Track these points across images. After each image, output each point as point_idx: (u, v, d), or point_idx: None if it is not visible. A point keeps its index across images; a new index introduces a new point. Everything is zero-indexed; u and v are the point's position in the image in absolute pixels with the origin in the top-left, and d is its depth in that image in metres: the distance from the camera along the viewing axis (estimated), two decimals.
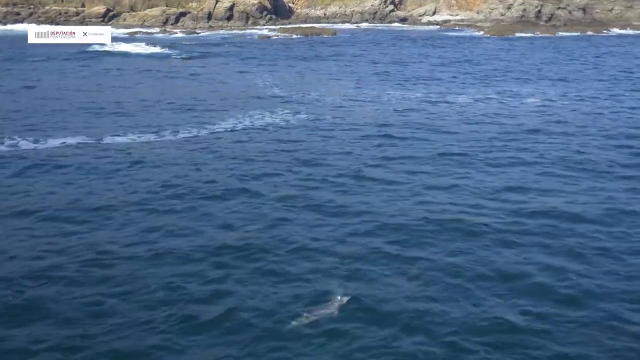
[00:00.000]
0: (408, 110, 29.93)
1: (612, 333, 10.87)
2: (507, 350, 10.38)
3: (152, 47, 59.18)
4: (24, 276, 12.56)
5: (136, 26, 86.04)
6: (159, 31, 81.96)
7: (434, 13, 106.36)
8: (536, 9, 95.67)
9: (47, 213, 15.92)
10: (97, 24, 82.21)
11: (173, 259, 13.37)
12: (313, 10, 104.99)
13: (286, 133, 24.74)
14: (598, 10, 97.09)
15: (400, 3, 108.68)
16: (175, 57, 53.04)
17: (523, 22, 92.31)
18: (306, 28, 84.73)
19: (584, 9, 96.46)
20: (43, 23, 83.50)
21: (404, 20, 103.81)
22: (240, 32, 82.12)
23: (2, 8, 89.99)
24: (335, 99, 32.75)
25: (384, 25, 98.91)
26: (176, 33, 79.68)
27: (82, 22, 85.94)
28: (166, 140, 23.47)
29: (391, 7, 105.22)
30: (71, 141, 23.10)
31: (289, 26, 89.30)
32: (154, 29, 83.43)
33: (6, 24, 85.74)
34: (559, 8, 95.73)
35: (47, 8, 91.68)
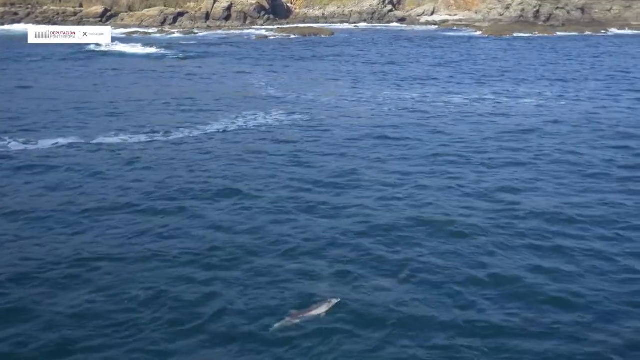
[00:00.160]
0: (403, 110, 29.81)
1: (604, 335, 10.75)
2: (497, 354, 10.25)
3: (149, 47, 59.04)
4: (9, 279, 12.43)
5: (134, 26, 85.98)
6: (157, 31, 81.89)
7: (433, 13, 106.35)
8: (534, 9, 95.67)
9: (36, 214, 15.78)
10: (95, 24, 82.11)
11: (160, 261, 13.24)
12: (311, 10, 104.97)
13: (280, 134, 24.61)
14: (597, 10, 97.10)
15: (398, 3, 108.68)
16: (171, 57, 52.94)
17: (521, 22, 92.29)
18: (304, 28, 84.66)
19: (583, 9, 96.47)
20: (41, 23, 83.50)
21: (402, 20, 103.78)
22: (237, 32, 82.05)
23: (0, 8, 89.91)
24: (330, 100, 32.63)
25: (382, 25, 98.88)
26: (173, 33, 79.60)
27: (80, 22, 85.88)
28: (158, 140, 23.33)
29: (389, 7, 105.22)
30: (63, 142, 22.99)
31: (287, 26, 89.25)
32: (152, 29, 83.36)
33: (4, 24, 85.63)
34: (558, 8, 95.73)
35: (45, 8, 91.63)
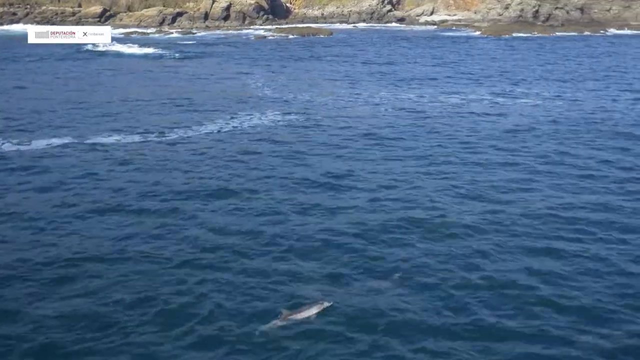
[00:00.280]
0: (400, 111, 29.71)
1: (596, 338, 10.66)
2: (489, 356, 10.17)
3: (147, 48, 58.93)
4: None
5: (133, 26, 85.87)
6: (155, 31, 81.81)
7: (432, 13, 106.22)
8: (534, 9, 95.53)
9: (27, 215, 15.72)
10: (94, 24, 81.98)
11: (152, 262, 13.16)
12: (310, 10, 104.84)
13: (274, 134, 24.51)
14: (596, 10, 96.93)
15: (397, 3, 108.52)
16: (168, 58, 52.86)
17: (520, 22, 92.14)
18: (302, 28, 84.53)
19: (582, 9, 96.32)
20: (39, 23, 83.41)
21: (402, 20, 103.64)
22: (236, 32, 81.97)
23: None
24: (327, 100, 32.54)
25: (381, 25, 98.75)
26: (172, 33, 79.53)
27: (79, 22, 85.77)
28: (152, 141, 23.25)
29: (389, 7, 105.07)
30: (57, 142, 22.93)
31: (285, 26, 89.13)
32: (150, 29, 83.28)
33: (2, 24, 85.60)
34: (557, 8, 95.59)
35: (44, 8, 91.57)
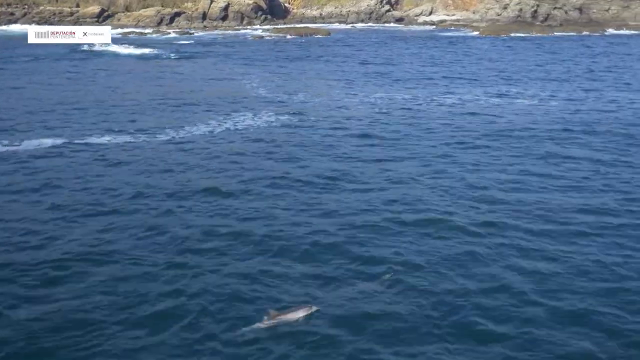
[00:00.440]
0: (395, 111, 29.57)
1: (587, 339, 10.53)
2: (479, 358, 10.05)
3: (143, 48, 58.83)
4: None
5: (130, 26, 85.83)
6: (153, 31, 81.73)
7: (431, 13, 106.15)
8: (532, 9, 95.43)
9: (10, 217, 15.58)
10: (92, 24, 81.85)
11: (137, 264, 13.03)
12: (309, 10, 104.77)
13: (266, 135, 24.38)
14: (594, 10, 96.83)
15: (396, 3, 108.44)
16: (164, 58, 52.75)
17: (519, 22, 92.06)
18: (300, 28, 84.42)
19: (581, 9, 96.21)
20: (37, 23, 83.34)
21: (400, 20, 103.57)
22: (233, 33, 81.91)
23: None
24: (321, 100, 32.41)
25: (380, 25, 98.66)
26: (169, 33, 79.45)
27: (76, 23, 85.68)
28: (144, 141, 23.12)
29: (387, 7, 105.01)
30: (49, 142, 22.82)
31: (284, 26, 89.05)
32: (148, 29, 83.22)
33: (0, 24, 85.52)
34: (555, 8, 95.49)
35: (42, 8, 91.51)
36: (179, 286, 12.11)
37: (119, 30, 79.40)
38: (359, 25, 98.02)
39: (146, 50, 57.60)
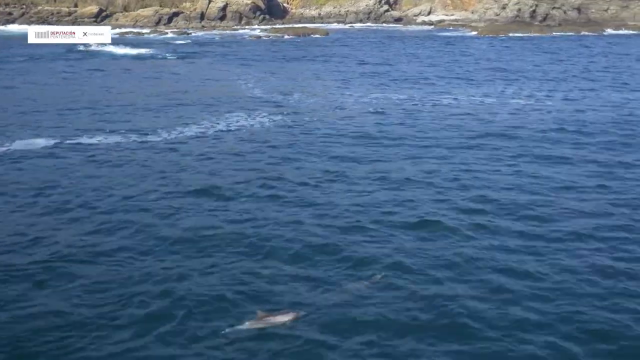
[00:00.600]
0: (389, 111, 29.41)
1: (580, 342, 10.40)
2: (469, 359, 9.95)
3: (140, 48, 58.74)
4: None
5: (128, 26, 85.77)
6: (150, 31, 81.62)
7: (429, 13, 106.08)
8: (531, 9, 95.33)
9: None
10: (90, 24, 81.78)
11: (124, 263, 12.93)
12: (308, 10, 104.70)
13: (259, 135, 24.24)
14: (593, 10, 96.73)
15: (395, 3, 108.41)
16: (160, 58, 52.63)
17: (517, 22, 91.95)
18: (298, 28, 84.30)
19: (579, 9, 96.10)
20: (35, 23, 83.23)
21: (399, 20, 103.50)
22: (231, 33, 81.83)
23: None
24: (316, 100, 32.28)
25: (378, 25, 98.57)
26: (167, 33, 79.38)
27: (75, 23, 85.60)
28: (134, 141, 22.96)
29: (386, 7, 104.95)
30: (40, 142, 22.69)
31: (281, 26, 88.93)
32: (146, 29, 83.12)
33: None
34: (554, 8, 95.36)
35: (40, 8, 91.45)
36: (166, 288, 11.95)
37: (117, 30, 79.27)
38: (358, 25, 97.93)
39: (142, 50, 57.48)
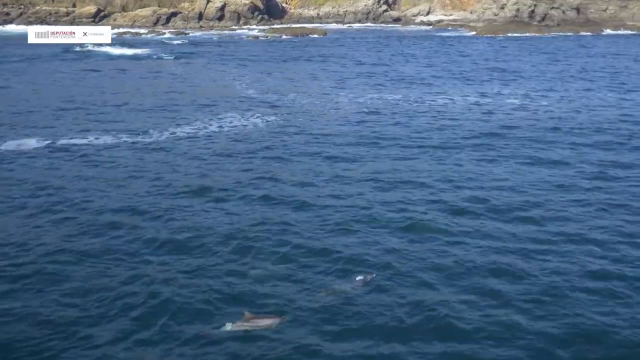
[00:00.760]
0: (384, 111, 29.28)
1: (572, 344, 10.30)
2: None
3: (137, 48, 58.67)
4: None
5: (126, 26, 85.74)
6: (148, 32, 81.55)
7: (428, 13, 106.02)
8: (529, 9, 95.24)
9: None
10: (88, 25, 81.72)
11: (112, 263, 12.87)
12: (306, 10, 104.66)
13: (252, 135, 24.11)
14: (592, 10, 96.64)
15: (394, 3, 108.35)
16: (156, 58, 52.54)
17: (516, 22, 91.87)
18: (296, 28, 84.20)
19: (578, 9, 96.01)
20: (33, 23, 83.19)
21: (398, 20, 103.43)
22: (229, 33, 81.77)
23: None
24: (312, 101, 32.15)
25: (377, 25, 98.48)
26: (164, 34, 79.31)
27: (73, 23, 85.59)
28: (126, 142, 22.86)
29: (384, 7, 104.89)
30: (31, 143, 22.67)
31: (279, 26, 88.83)
32: (144, 30, 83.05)
33: None
34: (553, 8, 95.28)
35: (38, 8, 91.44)
36: (152, 289, 11.85)
37: (115, 30, 79.09)
38: (356, 25, 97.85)
39: (139, 50, 57.42)
